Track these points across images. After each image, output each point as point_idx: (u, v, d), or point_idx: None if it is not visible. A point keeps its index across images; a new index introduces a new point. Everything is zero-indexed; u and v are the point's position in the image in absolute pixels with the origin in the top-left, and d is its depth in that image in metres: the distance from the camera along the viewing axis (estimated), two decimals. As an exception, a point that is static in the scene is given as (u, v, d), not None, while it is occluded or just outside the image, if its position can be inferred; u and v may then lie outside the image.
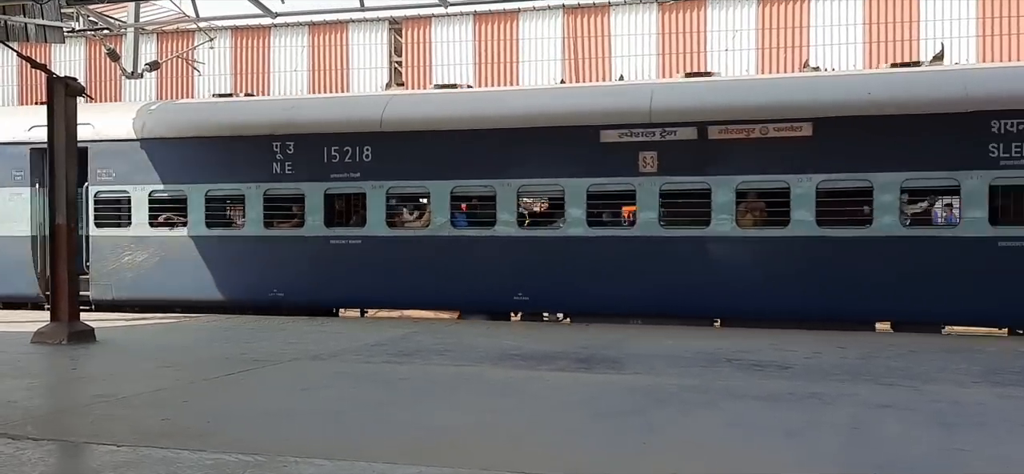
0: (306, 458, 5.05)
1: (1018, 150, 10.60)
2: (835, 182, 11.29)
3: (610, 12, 21.71)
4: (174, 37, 23.58)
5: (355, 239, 12.86)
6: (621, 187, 12.03)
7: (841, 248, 11.24)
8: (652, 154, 11.75)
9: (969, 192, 10.75)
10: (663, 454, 5.41)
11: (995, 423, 6.10)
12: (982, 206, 10.73)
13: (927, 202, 11.67)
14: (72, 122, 10.63)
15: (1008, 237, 10.65)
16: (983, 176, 10.70)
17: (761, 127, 11.42)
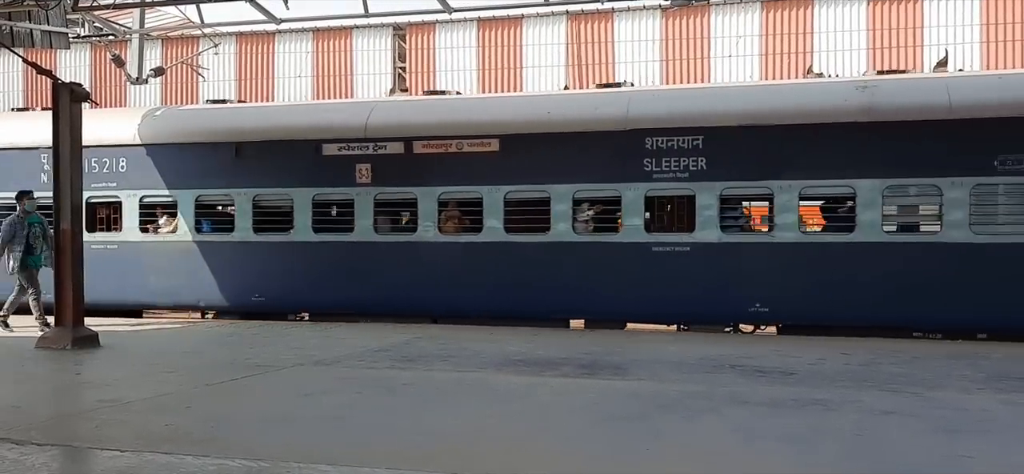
0: (309, 463, 5.05)
1: (667, 164, 11.85)
2: (520, 192, 12.54)
3: (613, 18, 21.73)
4: (179, 43, 23.64)
5: (112, 244, 13.95)
6: (342, 196, 13.16)
7: (526, 252, 12.46)
8: (367, 166, 12.92)
9: (628, 202, 11.99)
10: (666, 460, 5.40)
11: (1000, 430, 6.09)
12: (639, 215, 12.00)
13: (592, 210, 12.58)
14: (77, 128, 10.67)
15: (659, 242, 11.93)
16: (640, 188, 11.93)
17: (457, 143, 12.65)
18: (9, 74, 25.57)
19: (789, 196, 11.51)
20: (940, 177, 10.99)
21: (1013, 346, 10.42)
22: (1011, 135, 10.78)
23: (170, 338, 11.78)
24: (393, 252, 12.87)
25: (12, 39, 14.04)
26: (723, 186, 11.71)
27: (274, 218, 13.36)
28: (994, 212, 10.94)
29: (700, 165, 11.76)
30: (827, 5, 20.52)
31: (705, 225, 11.75)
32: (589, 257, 12.23)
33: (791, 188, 11.48)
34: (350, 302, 13.02)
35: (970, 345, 10.60)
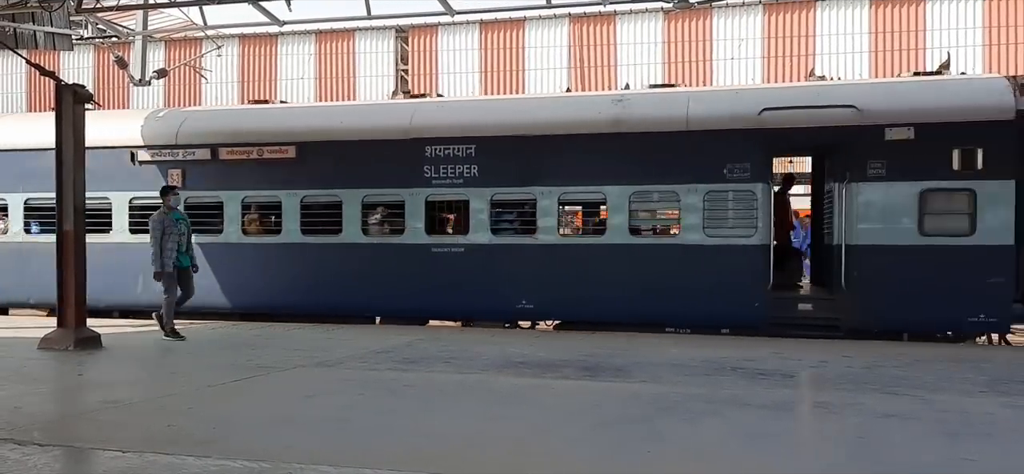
0: (311, 464, 5.06)
1: (445, 171, 12.74)
2: (315, 197, 13.36)
3: (616, 21, 21.74)
4: (182, 45, 23.70)
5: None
6: (156, 200, 13.49)
7: (321, 253, 13.25)
8: (178, 171, 13.77)
9: (411, 207, 12.82)
10: (667, 462, 5.40)
11: (1002, 433, 6.08)
12: (421, 218, 12.84)
13: (381, 214, 13.41)
14: (80, 129, 10.69)
15: (438, 244, 12.84)
16: (421, 193, 12.79)
17: (258, 150, 13.45)
18: (12, 76, 25.64)
19: (550, 201, 12.44)
20: (678, 184, 11.98)
21: (1014, 350, 10.42)
22: (737, 145, 11.75)
23: (171, 340, 11.78)
24: (202, 252, 13.21)
25: (16, 40, 14.08)
26: (493, 191, 12.63)
27: (94, 220, 13.63)
28: (724, 216, 11.88)
29: (473, 172, 12.68)
30: (829, 8, 20.54)
31: (478, 228, 12.67)
32: (378, 258, 13.05)
33: (551, 194, 12.42)
34: (159, 299, 13.66)
35: (972, 349, 10.60)
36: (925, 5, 19.97)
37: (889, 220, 11.38)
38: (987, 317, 11.09)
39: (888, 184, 11.37)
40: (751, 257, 11.77)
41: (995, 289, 10.99)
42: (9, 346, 10.72)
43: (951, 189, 11.19)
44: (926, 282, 11.19)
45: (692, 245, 11.93)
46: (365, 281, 13.07)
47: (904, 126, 11.29)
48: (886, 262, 11.34)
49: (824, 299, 12.12)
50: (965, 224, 11.14)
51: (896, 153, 11.32)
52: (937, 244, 11.18)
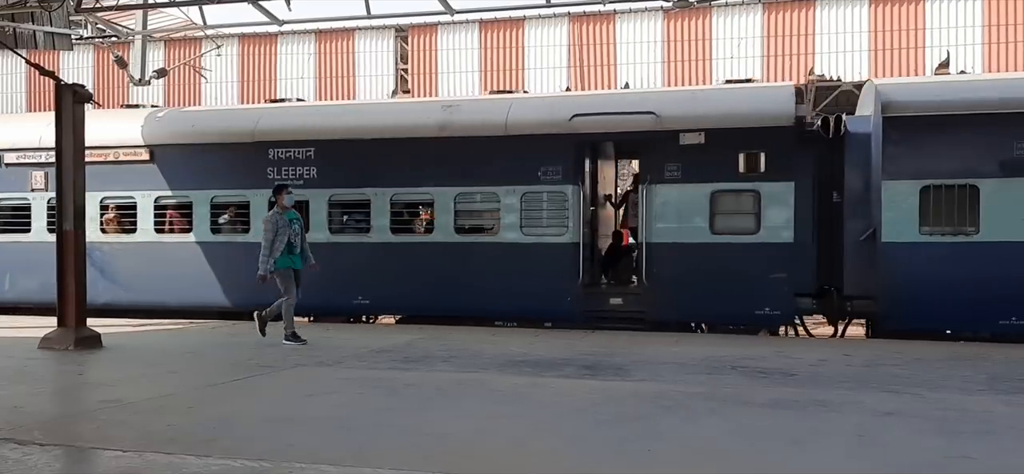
0: (312, 464, 5.06)
1: (286, 173, 13.41)
2: (169, 199, 14.08)
3: (616, 20, 21.73)
4: (182, 44, 23.67)
5: None
6: (19, 200, 14.64)
7: (174, 252, 13.98)
8: (42, 173, 14.32)
9: (255, 207, 13.31)
10: (668, 461, 5.41)
11: (1002, 431, 6.09)
12: None
13: (230, 214, 14.02)
14: (80, 129, 10.69)
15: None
16: (263, 193, 12.96)
17: (114, 152, 14.08)
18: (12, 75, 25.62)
19: (383, 202, 13.14)
20: (498, 186, 12.69)
21: (1014, 348, 10.43)
22: (550, 149, 12.45)
23: (172, 339, 11.80)
24: None
25: (15, 40, 14.09)
26: (331, 192, 13.34)
27: None
28: (540, 216, 12.59)
29: (312, 174, 13.34)
30: (829, 7, 20.51)
31: (317, 227, 13.23)
32: (225, 256, 13.66)
33: (384, 195, 13.13)
34: (27, 295, 14.46)
35: (971, 346, 10.60)
36: (924, 4, 19.96)
37: (684, 219, 12.07)
38: (772, 310, 11.86)
39: (682, 186, 12.06)
40: (563, 255, 12.44)
41: (778, 283, 11.73)
42: (9, 346, 10.72)
43: (738, 190, 11.93)
44: (717, 277, 11.88)
45: (511, 243, 12.63)
46: (219, 278, 13.70)
47: (696, 131, 12.00)
48: (681, 259, 12.02)
49: (631, 294, 12.72)
50: (751, 223, 11.86)
51: (689, 156, 12.01)
52: (726, 242, 11.92)
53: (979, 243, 11.13)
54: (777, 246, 11.74)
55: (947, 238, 11.22)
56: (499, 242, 12.70)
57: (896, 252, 11.33)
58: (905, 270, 11.29)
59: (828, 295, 12.14)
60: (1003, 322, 11.11)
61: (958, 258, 11.16)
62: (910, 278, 11.28)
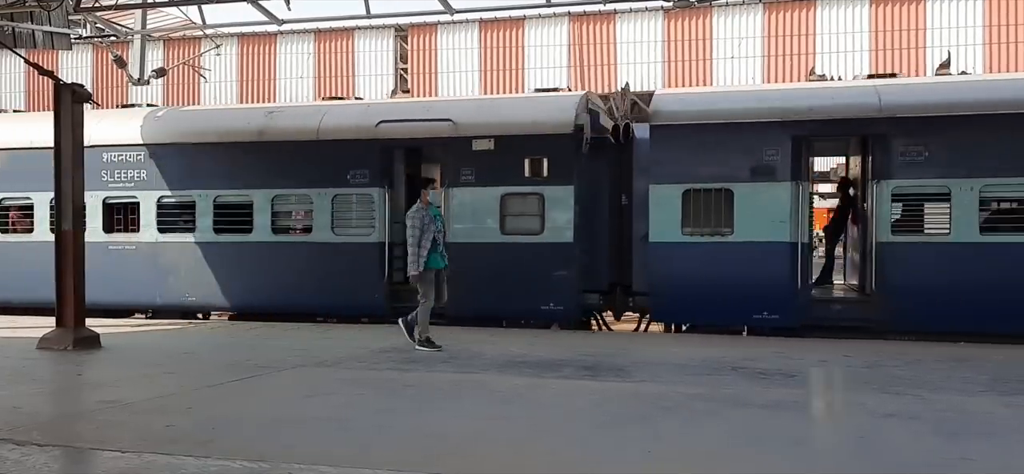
0: (311, 464, 5.05)
1: (119, 175, 13.98)
2: (12, 200, 14.61)
3: (616, 20, 21.73)
4: (181, 44, 23.68)
5: None
6: None
7: (18, 252, 14.42)
8: None
9: (91, 208, 13.21)
10: (668, 462, 5.39)
11: (1002, 433, 6.07)
12: (97, 218, 13.87)
13: None
14: (79, 129, 10.67)
15: (114, 242, 13.98)
16: (98, 195, 13.72)
17: None
18: (11, 75, 25.62)
19: (206, 203, 13.64)
20: (311, 188, 13.29)
21: (1015, 349, 10.43)
22: (359, 154, 13.11)
23: (171, 339, 11.78)
24: None
25: (14, 40, 14.07)
26: (159, 194, 13.86)
27: None
28: (349, 217, 13.26)
29: (142, 176, 13.91)
30: (829, 7, 20.53)
31: (146, 227, 13.87)
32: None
33: (208, 196, 13.63)
34: None
35: (972, 348, 10.59)
36: (925, 4, 19.97)
37: (478, 220, 12.73)
38: (556, 305, 12.48)
39: (476, 189, 12.73)
40: (371, 253, 13.06)
41: (561, 280, 12.40)
42: (8, 346, 10.71)
43: (524, 193, 12.56)
44: (508, 275, 12.54)
45: (324, 243, 13.24)
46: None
47: (486, 137, 12.67)
48: (477, 257, 12.55)
49: None
50: (536, 224, 12.49)
51: (482, 161, 12.67)
52: (515, 241, 12.56)
53: (733, 243, 11.83)
54: (559, 245, 12.41)
55: (706, 238, 11.94)
56: (313, 242, 13.35)
57: (662, 251, 12.07)
58: (670, 268, 12.02)
59: (623, 291, 12.95)
60: (756, 316, 11.85)
61: (715, 257, 11.91)
62: (674, 275, 12.03)
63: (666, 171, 12.03)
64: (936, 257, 11.35)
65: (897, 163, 11.39)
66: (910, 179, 11.41)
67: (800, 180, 11.68)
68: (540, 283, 12.39)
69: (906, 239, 11.52)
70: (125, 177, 13.96)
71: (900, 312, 11.37)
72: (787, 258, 11.62)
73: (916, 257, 11.42)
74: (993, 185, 11.28)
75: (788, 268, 11.62)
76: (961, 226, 11.17)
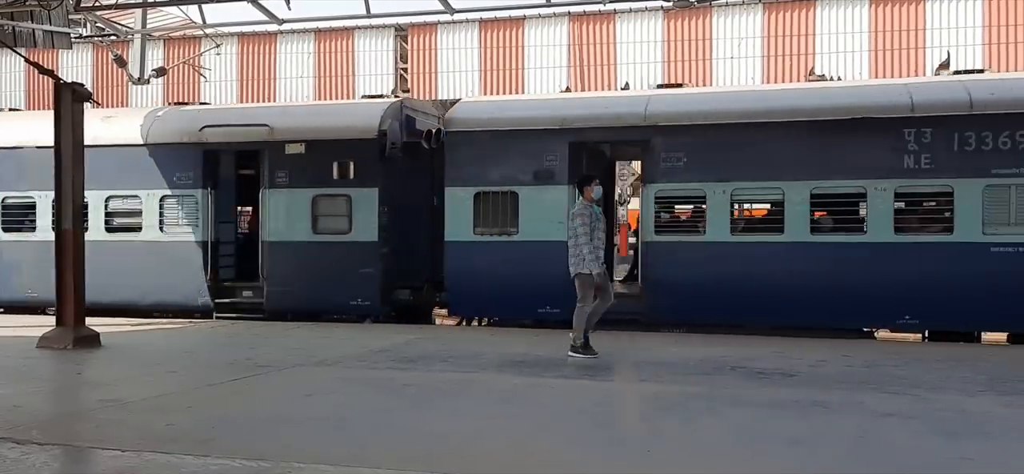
0: (310, 463, 5.05)
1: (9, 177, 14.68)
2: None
3: (616, 19, 21.71)
4: (181, 43, 23.64)
5: None
6: None
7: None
8: None
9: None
10: (667, 462, 5.40)
11: (1001, 433, 6.08)
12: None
13: None
14: (79, 128, 10.67)
15: (9, 242, 14.77)
16: None
17: None
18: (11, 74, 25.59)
19: (45, 204, 13.94)
20: (141, 190, 14.09)
21: (1014, 349, 10.43)
22: (184, 158, 13.83)
23: (171, 338, 11.79)
24: None
25: (14, 39, 14.06)
26: (3, 195, 14.61)
27: None
28: (176, 218, 13.99)
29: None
30: (829, 7, 20.49)
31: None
32: None
33: (46, 197, 13.68)
34: None
35: (971, 348, 10.60)
36: (925, 4, 19.93)
37: (292, 220, 13.47)
38: (363, 301, 13.20)
39: (290, 190, 13.48)
40: (195, 252, 13.80)
41: (367, 277, 13.10)
42: (8, 345, 10.71)
43: (333, 195, 13.28)
44: (320, 272, 13.26)
45: (152, 241, 14.03)
46: None
47: (298, 142, 13.46)
48: (292, 256, 13.42)
49: (257, 287, 13.94)
50: (345, 224, 13.19)
51: (295, 164, 13.43)
52: (326, 240, 13.30)
53: (519, 242, 12.61)
54: (365, 244, 13.13)
55: (495, 238, 12.72)
56: (143, 241, 14.06)
57: (457, 249, 12.83)
58: (463, 265, 12.78)
59: (436, 287, 13.55)
60: (541, 310, 12.53)
61: (503, 255, 12.64)
62: (468, 272, 12.79)
63: (460, 175, 12.82)
64: (693, 255, 12.14)
65: (660, 168, 12.19)
66: (671, 183, 12.25)
67: (575, 183, 12.15)
68: (349, 280, 13.13)
69: (667, 238, 12.36)
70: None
71: (662, 306, 12.24)
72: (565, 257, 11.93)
73: (676, 255, 12.21)
74: (743, 189, 12.15)
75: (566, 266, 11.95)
76: (715, 227, 11.96)
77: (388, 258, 13.23)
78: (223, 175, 14.34)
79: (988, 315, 11.25)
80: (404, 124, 13.55)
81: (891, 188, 11.36)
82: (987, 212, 11.10)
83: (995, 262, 11.02)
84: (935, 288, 11.23)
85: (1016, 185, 11.03)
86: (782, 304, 11.70)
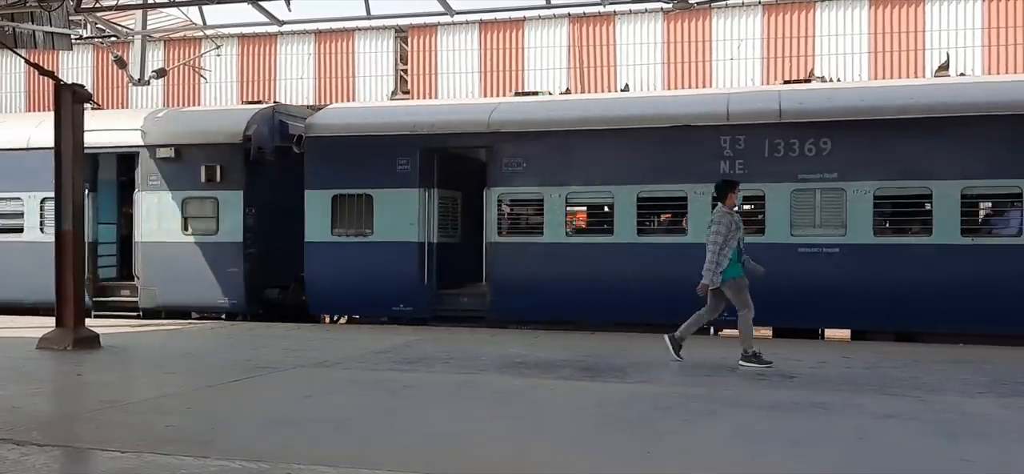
0: (310, 464, 5.05)
1: None
2: None
3: (615, 21, 21.72)
4: (181, 45, 23.66)
5: None
6: None
7: None
8: None
9: None
10: (666, 463, 5.40)
11: (1001, 434, 6.08)
12: None
13: None
14: (79, 129, 10.67)
15: None
16: None
17: None
18: (11, 75, 25.60)
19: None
20: (24, 192, 14.61)
21: (1015, 350, 10.43)
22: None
23: (171, 339, 11.79)
24: None
25: (15, 40, 14.06)
26: None
27: None
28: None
29: None
30: (829, 9, 20.51)
31: None
32: None
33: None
34: None
35: (971, 349, 10.60)
36: (924, 6, 19.96)
37: (163, 221, 14.02)
38: (231, 299, 13.71)
39: (161, 193, 14.05)
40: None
41: (233, 277, 13.61)
42: (8, 346, 10.71)
43: (202, 197, 13.86)
44: (190, 272, 13.75)
45: (35, 242, 14.41)
46: None
47: (169, 146, 14.02)
48: (163, 256, 13.97)
49: (131, 287, 14.42)
50: (213, 225, 13.76)
51: (167, 168, 14.00)
52: (195, 241, 13.83)
53: (374, 242, 13.19)
54: (231, 245, 13.65)
55: (352, 238, 13.27)
56: (25, 241, 14.55)
57: (316, 250, 13.41)
58: (322, 265, 13.37)
59: (304, 286, 13.85)
60: (395, 308, 13.22)
61: (360, 255, 13.20)
62: (326, 272, 13.36)
63: (319, 178, 13.39)
64: (532, 256, 12.70)
65: (502, 173, 12.77)
66: (512, 187, 12.84)
67: (428, 187, 13.12)
68: (217, 279, 13.67)
69: (509, 240, 12.93)
70: None
71: (505, 305, 12.80)
72: (416, 256, 12.99)
73: (517, 256, 12.81)
74: (577, 192, 12.70)
75: (417, 265, 12.98)
76: (552, 228, 12.55)
77: (254, 258, 13.72)
78: (105, 178, 14.96)
79: (795, 313, 11.76)
80: (276, 129, 14.13)
81: (710, 193, 11.49)
82: (795, 215, 11.69)
83: (802, 262, 11.60)
84: (751, 287, 11.41)
85: (821, 189, 11.63)
86: (615, 302, 12.28)
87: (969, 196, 11.42)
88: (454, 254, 13.74)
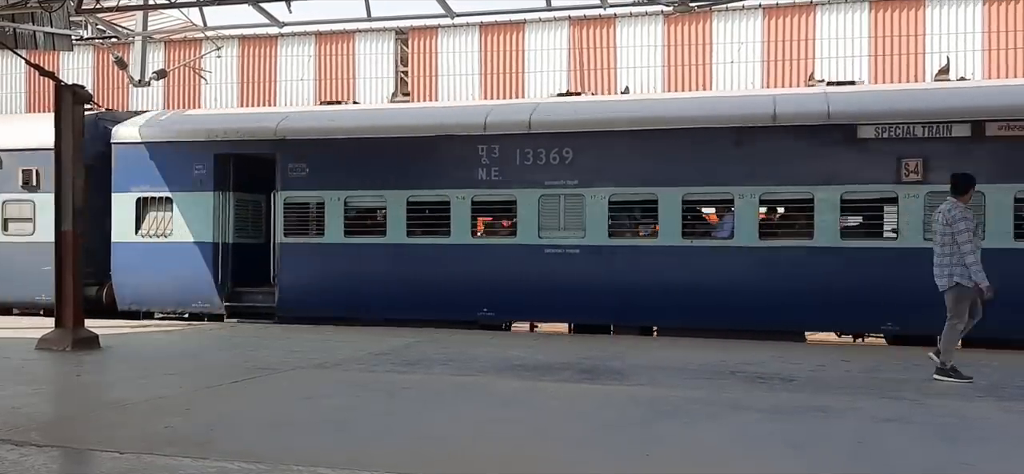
0: (309, 466, 5.05)
1: None
2: None
3: (616, 24, 21.73)
4: (182, 46, 23.67)
5: None
6: None
7: None
8: None
9: None
10: (666, 466, 5.40)
11: (1000, 438, 6.08)
12: None
13: None
14: (79, 130, 10.67)
15: None
16: None
17: None
18: (12, 76, 25.60)
19: None
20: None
21: (1014, 355, 10.44)
22: None
23: (170, 340, 11.79)
24: None
25: (15, 41, 14.07)
26: None
27: None
28: None
29: None
30: (829, 12, 20.52)
31: None
32: None
33: None
34: None
35: (970, 353, 10.59)
36: (924, 9, 19.97)
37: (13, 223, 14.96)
38: (47, 296, 13.42)
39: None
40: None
41: (48, 275, 13.34)
42: (7, 346, 10.70)
43: (21, 200, 14.83)
44: (10, 270, 14.63)
45: None
46: None
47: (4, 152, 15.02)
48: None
49: None
50: (30, 227, 14.68)
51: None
52: (14, 241, 14.82)
53: (173, 243, 14.18)
54: (46, 244, 13.41)
55: (154, 239, 14.26)
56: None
57: (122, 250, 14.38)
58: (127, 264, 14.35)
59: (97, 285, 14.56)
60: (193, 305, 14.30)
61: (161, 254, 14.18)
62: (131, 270, 14.33)
63: (124, 182, 14.37)
64: (314, 256, 13.66)
65: (288, 177, 13.71)
66: (297, 191, 13.75)
67: (224, 190, 14.14)
68: (34, 277, 14.29)
69: (294, 241, 13.76)
70: None
71: (290, 302, 13.71)
72: (211, 256, 14.02)
73: (300, 256, 13.71)
74: (354, 196, 13.66)
75: (212, 264, 14.03)
76: (331, 230, 13.50)
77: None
78: None
79: (546, 310, 12.97)
80: (99, 136, 14.60)
81: (469, 197, 13.01)
82: (542, 218, 12.68)
83: (549, 262, 12.59)
84: (505, 285, 12.85)
85: (564, 194, 12.62)
86: (388, 300, 13.20)
87: (689, 202, 12.44)
88: (255, 254, 14.57)
